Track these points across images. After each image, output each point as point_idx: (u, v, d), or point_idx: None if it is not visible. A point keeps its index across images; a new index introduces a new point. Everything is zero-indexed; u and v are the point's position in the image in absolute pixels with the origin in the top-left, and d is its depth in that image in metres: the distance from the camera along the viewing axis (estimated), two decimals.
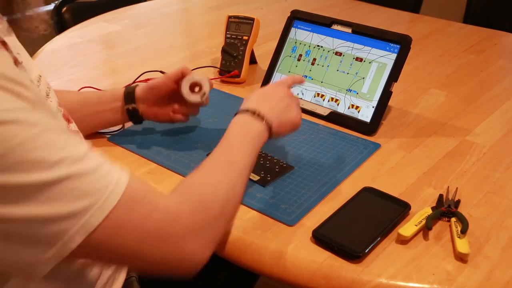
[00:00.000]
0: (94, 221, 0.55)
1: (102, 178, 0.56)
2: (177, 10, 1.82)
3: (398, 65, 1.04)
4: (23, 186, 0.51)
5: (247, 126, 0.77)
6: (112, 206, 0.56)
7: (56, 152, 0.53)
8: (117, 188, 0.57)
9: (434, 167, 0.93)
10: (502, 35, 1.54)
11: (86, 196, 0.54)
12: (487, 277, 0.70)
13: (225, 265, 0.84)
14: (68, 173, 0.54)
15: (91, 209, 0.54)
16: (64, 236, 0.54)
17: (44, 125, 0.54)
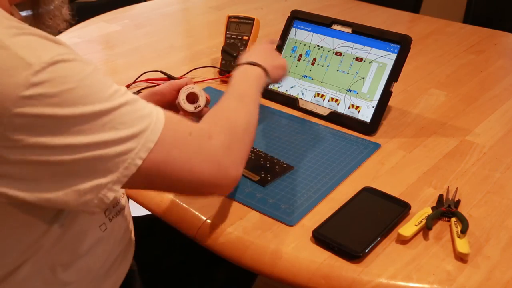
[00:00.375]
0: (153, 137, 0.61)
1: (146, 105, 0.64)
2: (177, 10, 1.82)
3: (398, 65, 1.04)
4: (93, 115, 0.57)
5: (247, 72, 0.88)
6: (162, 124, 0.63)
7: (109, 86, 0.60)
8: (161, 112, 0.64)
9: (434, 167, 0.93)
10: (502, 35, 1.54)
11: (142, 118, 0.61)
12: (487, 277, 0.70)
13: (225, 265, 0.84)
14: (124, 101, 0.61)
15: (148, 128, 0.61)
16: (131, 154, 0.60)
17: (94, 64, 0.61)
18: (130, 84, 1.21)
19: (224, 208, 0.83)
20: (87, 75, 0.58)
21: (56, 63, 0.55)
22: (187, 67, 1.31)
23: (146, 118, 0.62)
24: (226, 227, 0.79)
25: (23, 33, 0.56)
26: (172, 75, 1.25)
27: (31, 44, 0.56)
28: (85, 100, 0.57)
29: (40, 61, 0.54)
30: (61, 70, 0.56)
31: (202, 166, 0.66)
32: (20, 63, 0.54)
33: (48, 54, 0.55)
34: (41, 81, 0.54)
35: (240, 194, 0.86)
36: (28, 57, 0.54)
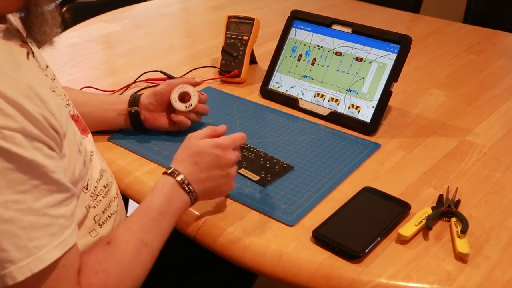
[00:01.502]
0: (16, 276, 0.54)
1: (40, 238, 0.56)
2: (177, 10, 1.82)
3: (398, 65, 1.04)
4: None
5: (172, 197, 0.74)
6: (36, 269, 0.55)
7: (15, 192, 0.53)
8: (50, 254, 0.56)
9: (434, 167, 0.93)
10: (502, 35, 1.54)
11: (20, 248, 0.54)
12: (487, 277, 0.70)
13: (225, 265, 0.84)
14: (15, 217, 0.54)
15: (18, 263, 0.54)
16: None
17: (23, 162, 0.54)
18: (130, 84, 1.21)
19: (224, 208, 0.83)
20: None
21: None
22: (187, 67, 1.31)
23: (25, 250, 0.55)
24: (226, 227, 0.79)
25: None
26: (172, 75, 1.25)
27: None
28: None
29: None
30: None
31: None
32: None
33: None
34: None
35: (240, 194, 0.86)
36: None
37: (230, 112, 1.11)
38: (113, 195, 0.81)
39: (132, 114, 0.98)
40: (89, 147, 0.79)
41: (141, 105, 0.98)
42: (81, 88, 1.17)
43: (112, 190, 0.81)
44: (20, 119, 0.54)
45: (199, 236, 0.80)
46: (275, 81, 1.18)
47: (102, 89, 1.19)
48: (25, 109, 0.55)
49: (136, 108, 0.98)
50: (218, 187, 0.79)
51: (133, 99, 0.99)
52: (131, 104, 0.98)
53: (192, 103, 0.97)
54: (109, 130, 1.02)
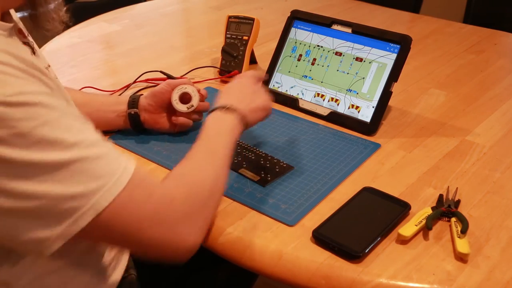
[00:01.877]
0: (103, 201, 0.58)
1: (112, 163, 0.60)
2: (177, 10, 1.82)
3: (398, 65, 1.04)
4: (42, 164, 0.55)
5: (220, 121, 0.82)
6: (120, 189, 0.59)
7: (73, 134, 0.57)
8: (125, 173, 0.61)
9: (434, 167, 0.93)
10: (502, 35, 1.54)
11: (98, 177, 0.58)
12: (487, 277, 0.70)
13: (225, 265, 0.84)
14: (83, 155, 0.57)
15: (101, 190, 0.58)
16: (74, 214, 0.57)
17: (63, 109, 0.58)
18: (130, 84, 1.21)
19: (224, 208, 0.83)
20: (46, 122, 0.55)
21: (12, 104, 0.53)
22: (187, 67, 1.31)
23: (104, 177, 0.59)
24: (226, 227, 0.79)
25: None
26: (172, 75, 1.25)
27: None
28: (36, 147, 0.54)
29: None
30: (16, 113, 0.53)
31: (153, 230, 0.63)
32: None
33: (5, 92, 0.53)
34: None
35: (240, 194, 0.86)
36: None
37: None
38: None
39: (131, 116, 0.98)
40: None
41: (140, 106, 0.98)
42: (81, 88, 1.17)
43: None
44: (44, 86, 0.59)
45: None
46: (275, 81, 1.18)
47: (102, 89, 1.19)
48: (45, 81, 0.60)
49: (136, 110, 0.97)
50: (256, 99, 0.88)
51: (132, 100, 0.98)
52: (130, 105, 0.98)
53: (193, 103, 0.97)
54: (109, 131, 1.02)
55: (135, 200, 0.61)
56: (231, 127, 0.81)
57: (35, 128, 0.54)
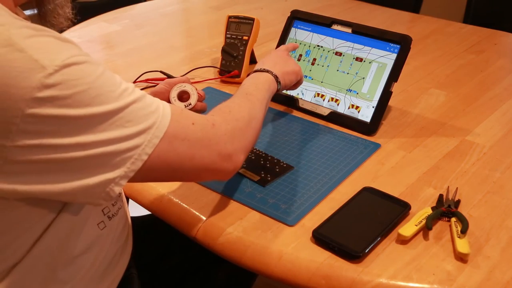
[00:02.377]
0: (159, 133, 0.64)
1: (153, 101, 0.66)
2: (177, 10, 1.82)
3: (398, 65, 1.04)
4: (103, 115, 0.60)
5: (256, 77, 0.90)
6: (168, 120, 0.65)
7: (118, 85, 0.63)
8: (166, 107, 0.67)
9: (434, 167, 0.93)
10: (502, 35, 1.54)
11: (148, 114, 0.64)
12: (487, 277, 0.70)
13: (225, 265, 0.84)
14: (132, 99, 0.63)
15: (155, 124, 0.64)
16: (137, 150, 0.63)
17: (103, 65, 0.63)
18: None
19: (224, 208, 0.83)
20: (97, 77, 0.60)
21: (69, 65, 0.57)
22: (187, 67, 1.31)
23: (153, 114, 0.64)
24: (226, 227, 0.79)
25: (37, 34, 0.58)
26: (172, 75, 1.25)
27: (45, 46, 0.57)
28: (95, 101, 0.59)
29: (53, 64, 0.56)
30: (74, 73, 0.57)
31: (202, 153, 0.69)
32: (34, 65, 0.55)
33: (61, 57, 0.57)
34: (54, 83, 0.56)
35: (240, 194, 0.86)
36: (42, 59, 0.56)
37: None
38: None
39: None
40: None
41: None
42: None
43: None
44: None
45: (199, 236, 0.80)
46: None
47: None
48: None
49: None
50: (289, 64, 0.98)
51: None
52: None
53: (191, 101, 0.97)
54: None
55: (182, 128, 0.67)
56: (268, 83, 0.89)
57: (91, 83, 0.59)
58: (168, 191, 0.87)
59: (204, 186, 0.88)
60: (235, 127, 0.75)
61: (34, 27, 0.59)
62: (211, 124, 0.71)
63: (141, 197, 0.88)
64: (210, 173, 0.72)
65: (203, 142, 0.69)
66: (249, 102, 0.82)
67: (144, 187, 0.89)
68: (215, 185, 0.88)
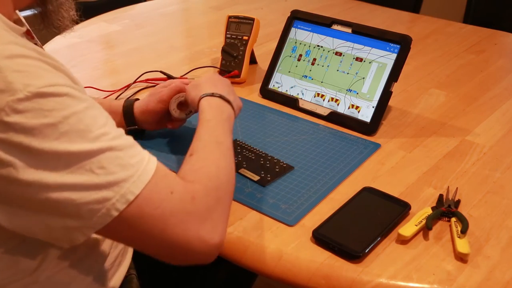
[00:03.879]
0: (135, 189, 0.58)
1: (138, 154, 0.61)
2: (177, 10, 1.82)
3: (398, 65, 1.04)
4: (70, 155, 0.55)
5: (220, 109, 0.82)
6: (148, 178, 0.60)
7: (99, 126, 0.58)
8: (150, 164, 0.62)
9: (434, 167, 0.93)
10: (502, 35, 1.54)
11: (126, 166, 0.59)
12: (487, 277, 0.70)
13: (225, 265, 0.84)
14: (110, 145, 0.58)
15: (131, 178, 0.58)
16: (107, 203, 0.57)
17: (88, 101, 0.59)
18: (130, 84, 1.21)
19: None
20: (74, 113, 0.56)
21: (43, 94, 0.54)
22: (187, 67, 1.31)
23: (131, 167, 0.59)
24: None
25: (22, 55, 0.55)
26: (172, 75, 1.25)
27: (25, 69, 0.54)
28: (65, 137, 0.55)
29: (26, 89, 0.53)
30: (47, 103, 0.54)
31: (176, 229, 0.61)
32: (6, 87, 0.53)
33: (38, 83, 0.54)
34: (23, 109, 0.53)
35: (240, 194, 0.86)
36: (16, 82, 0.53)
37: None
38: None
39: (132, 132, 0.96)
40: None
41: (137, 121, 0.97)
42: None
43: None
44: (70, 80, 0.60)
45: None
46: (275, 81, 1.18)
47: (102, 89, 1.19)
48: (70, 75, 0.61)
49: (135, 127, 0.97)
50: (235, 93, 0.90)
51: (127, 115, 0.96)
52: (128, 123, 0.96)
53: (191, 109, 0.96)
54: None
55: (160, 194, 0.61)
56: (229, 116, 0.83)
57: (65, 118, 0.55)
58: None
59: None
60: (217, 199, 0.67)
61: (24, 45, 0.57)
62: (191, 197, 0.64)
63: None
64: (184, 254, 0.63)
65: (179, 217, 0.61)
66: (225, 158, 0.74)
67: None
68: None
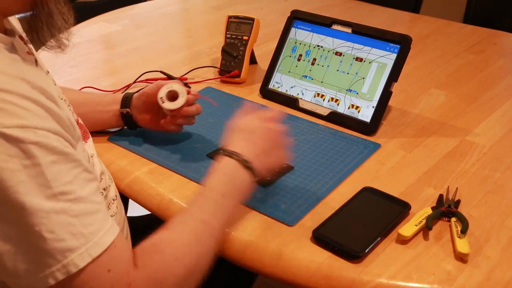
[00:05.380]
0: (79, 262, 0.55)
1: (94, 223, 0.57)
2: (177, 10, 1.82)
3: (398, 65, 1.04)
4: (23, 208, 0.52)
5: (232, 175, 0.73)
6: (97, 253, 0.56)
7: (62, 183, 0.54)
8: (107, 237, 0.58)
9: (434, 167, 0.93)
10: (502, 35, 1.54)
11: (77, 236, 0.55)
12: (487, 277, 0.70)
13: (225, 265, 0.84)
14: (65, 208, 0.54)
15: (78, 250, 0.55)
16: (45, 271, 0.54)
17: (63, 153, 0.55)
18: (130, 84, 1.21)
19: None
20: (37, 165, 0.52)
21: (9, 138, 0.50)
22: (187, 67, 1.31)
23: (82, 237, 0.55)
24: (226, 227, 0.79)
25: (2, 89, 0.52)
26: (172, 75, 1.25)
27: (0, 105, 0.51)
28: (20, 187, 0.51)
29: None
30: (10, 148, 0.51)
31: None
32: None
33: (7, 122, 0.51)
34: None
35: None
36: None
37: (230, 112, 1.11)
38: (112, 197, 0.81)
39: (124, 116, 0.97)
40: (90, 151, 0.79)
41: (132, 105, 0.97)
42: (81, 88, 1.18)
43: (111, 192, 0.81)
44: (51, 120, 0.56)
45: None
46: (275, 81, 1.18)
47: (102, 89, 1.19)
48: (53, 111, 0.57)
49: (127, 109, 0.97)
50: (275, 159, 0.78)
51: (124, 99, 0.97)
52: (123, 105, 0.97)
53: (180, 101, 0.91)
54: (108, 131, 1.02)
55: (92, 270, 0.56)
56: (241, 187, 0.73)
57: (24, 168, 0.51)
58: (168, 191, 0.87)
59: None
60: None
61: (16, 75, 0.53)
62: (126, 283, 0.58)
63: (141, 197, 0.88)
64: None
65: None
66: (199, 244, 0.66)
67: (144, 187, 0.89)
68: None
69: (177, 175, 0.91)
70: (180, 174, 0.91)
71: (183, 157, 0.95)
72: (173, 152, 0.97)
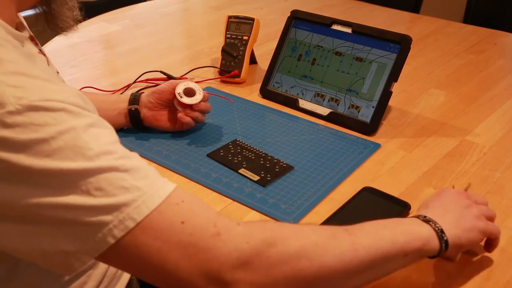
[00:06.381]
0: (137, 216, 0.51)
1: (148, 176, 0.54)
2: (177, 10, 1.82)
3: (398, 65, 1.04)
4: (63, 173, 0.50)
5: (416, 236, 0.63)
6: (156, 204, 0.53)
7: (102, 144, 0.52)
8: (164, 190, 0.54)
9: (434, 167, 0.93)
10: (502, 35, 1.54)
11: (130, 189, 0.52)
12: (487, 277, 0.70)
13: None
14: (113, 165, 0.52)
15: (133, 203, 0.52)
16: (104, 228, 0.51)
17: (91, 121, 0.53)
18: (130, 84, 1.21)
19: (224, 208, 0.83)
20: (71, 129, 0.51)
21: (36, 108, 0.50)
22: (187, 67, 1.31)
23: (137, 190, 0.52)
24: None
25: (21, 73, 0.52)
26: (172, 75, 1.25)
27: (21, 84, 0.51)
28: (58, 154, 0.50)
29: (18, 103, 0.49)
30: (39, 118, 0.50)
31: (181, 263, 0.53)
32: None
33: (32, 97, 0.50)
34: (13, 123, 0.49)
35: (240, 194, 0.86)
36: (8, 95, 0.49)
37: (230, 112, 1.11)
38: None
39: (131, 112, 0.99)
40: None
41: (141, 103, 0.99)
42: (81, 88, 1.18)
43: None
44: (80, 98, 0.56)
45: None
46: (275, 81, 1.18)
47: (102, 89, 1.19)
48: None
49: (136, 106, 0.99)
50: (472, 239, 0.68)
51: (133, 97, 1.00)
52: (131, 102, 0.99)
53: (198, 97, 0.97)
54: None
55: (163, 221, 0.53)
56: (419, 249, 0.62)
57: (59, 133, 0.50)
58: None
59: (204, 185, 0.88)
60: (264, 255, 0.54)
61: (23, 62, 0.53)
62: (215, 232, 0.54)
63: None
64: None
65: (187, 251, 0.52)
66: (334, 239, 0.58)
67: None
68: (215, 185, 0.88)
69: (177, 175, 0.91)
70: (180, 174, 0.91)
71: (183, 157, 0.95)
72: (173, 152, 0.97)
